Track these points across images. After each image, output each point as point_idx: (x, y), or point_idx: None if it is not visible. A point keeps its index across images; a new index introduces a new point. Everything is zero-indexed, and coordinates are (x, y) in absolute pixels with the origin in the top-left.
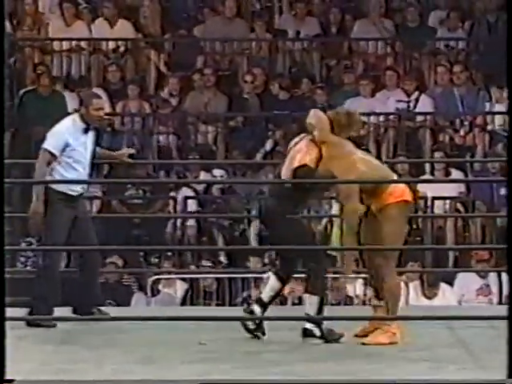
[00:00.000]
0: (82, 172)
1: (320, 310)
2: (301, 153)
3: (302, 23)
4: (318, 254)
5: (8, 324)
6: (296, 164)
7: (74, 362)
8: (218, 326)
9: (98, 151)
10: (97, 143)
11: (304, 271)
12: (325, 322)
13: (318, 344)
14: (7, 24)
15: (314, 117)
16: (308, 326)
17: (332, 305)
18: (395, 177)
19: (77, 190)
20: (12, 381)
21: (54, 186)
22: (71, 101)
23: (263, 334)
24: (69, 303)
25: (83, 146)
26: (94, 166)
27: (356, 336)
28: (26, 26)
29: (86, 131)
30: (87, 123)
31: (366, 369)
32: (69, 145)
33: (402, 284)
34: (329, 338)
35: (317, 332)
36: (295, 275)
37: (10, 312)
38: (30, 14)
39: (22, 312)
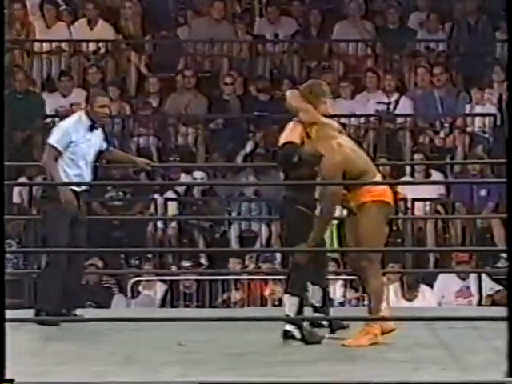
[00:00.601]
0: (85, 169)
1: (300, 312)
2: (286, 131)
3: (280, 25)
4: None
5: None
6: (282, 141)
7: (55, 364)
8: (199, 328)
9: (113, 151)
10: (107, 142)
11: (286, 271)
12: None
13: (298, 346)
14: None
15: (291, 96)
16: (288, 327)
17: None
18: (378, 175)
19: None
20: (12, 381)
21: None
22: (51, 102)
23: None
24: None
25: (87, 142)
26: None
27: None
28: (15, 29)
29: (91, 128)
30: (93, 120)
31: (347, 370)
32: (73, 141)
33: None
34: (309, 339)
35: (297, 334)
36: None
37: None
38: (18, 18)
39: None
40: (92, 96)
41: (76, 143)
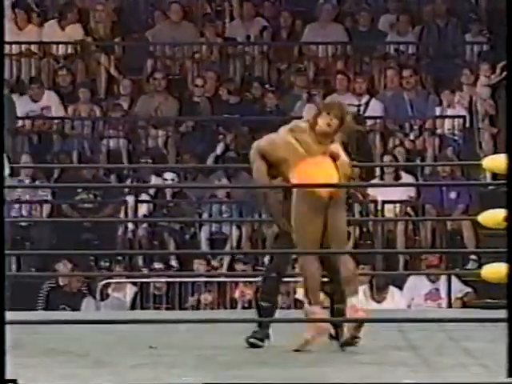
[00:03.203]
0: None
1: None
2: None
3: (251, 26)
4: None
5: None
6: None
7: (24, 367)
8: (169, 330)
9: None
10: None
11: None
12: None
13: (268, 348)
14: None
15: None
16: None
17: (281, 308)
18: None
19: None
20: (15, 381)
21: None
22: (21, 104)
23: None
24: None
25: None
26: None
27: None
28: None
29: None
30: None
31: (317, 372)
32: None
33: None
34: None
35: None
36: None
37: None
38: None
39: None
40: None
41: None
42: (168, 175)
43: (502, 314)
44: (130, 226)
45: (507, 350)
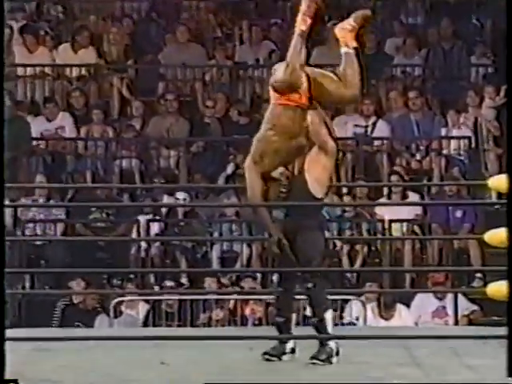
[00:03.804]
0: None
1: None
2: None
3: (259, 49)
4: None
5: None
6: None
7: (36, 381)
8: (181, 347)
9: None
10: None
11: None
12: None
13: (276, 363)
14: None
15: None
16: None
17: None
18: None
19: None
20: (16, 380)
21: None
22: (36, 125)
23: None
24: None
25: None
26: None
27: None
28: None
29: None
30: None
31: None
32: None
33: (360, 304)
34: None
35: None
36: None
37: None
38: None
39: None
40: None
41: None
42: (179, 195)
43: (507, 331)
44: (143, 244)
45: (507, 350)
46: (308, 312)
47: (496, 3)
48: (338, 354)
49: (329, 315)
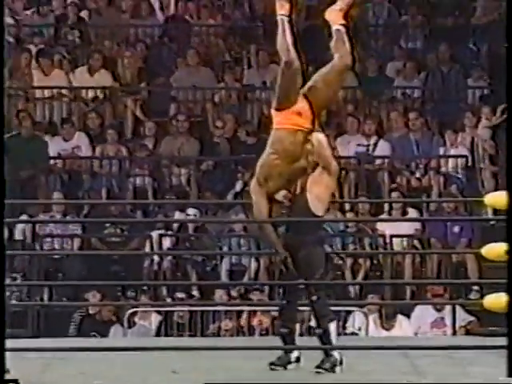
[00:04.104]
0: None
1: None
2: None
3: (266, 73)
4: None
5: None
6: None
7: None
8: (192, 356)
9: None
10: None
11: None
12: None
13: (282, 372)
14: None
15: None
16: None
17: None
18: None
19: None
20: (16, 380)
21: None
22: (53, 145)
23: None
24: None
25: None
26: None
27: None
28: (15, 77)
29: None
30: None
31: None
32: None
33: (362, 315)
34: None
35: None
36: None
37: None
38: (19, 68)
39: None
40: None
41: None
42: (190, 211)
43: (503, 341)
44: (155, 258)
45: (507, 350)
46: (313, 323)
47: (491, 29)
48: (341, 363)
49: (332, 326)
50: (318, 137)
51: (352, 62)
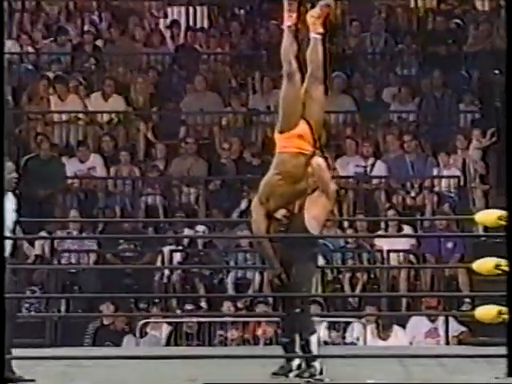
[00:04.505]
0: None
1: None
2: None
3: (270, 97)
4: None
5: None
6: None
7: None
8: (201, 364)
9: None
10: None
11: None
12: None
13: (285, 380)
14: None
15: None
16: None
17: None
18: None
19: None
20: (15, 380)
21: None
22: (70, 165)
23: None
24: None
25: None
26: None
27: None
28: (34, 102)
29: None
30: None
31: None
32: None
33: (360, 326)
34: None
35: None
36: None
37: (17, 352)
38: (38, 93)
39: (27, 352)
40: None
41: None
42: (199, 227)
43: (494, 350)
44: (166, 272)
45: (507, 350)
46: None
47: (482, 57)
48: (321, 373)
49: (314, 338)
50: (318, 161)
51: (323, 75)
